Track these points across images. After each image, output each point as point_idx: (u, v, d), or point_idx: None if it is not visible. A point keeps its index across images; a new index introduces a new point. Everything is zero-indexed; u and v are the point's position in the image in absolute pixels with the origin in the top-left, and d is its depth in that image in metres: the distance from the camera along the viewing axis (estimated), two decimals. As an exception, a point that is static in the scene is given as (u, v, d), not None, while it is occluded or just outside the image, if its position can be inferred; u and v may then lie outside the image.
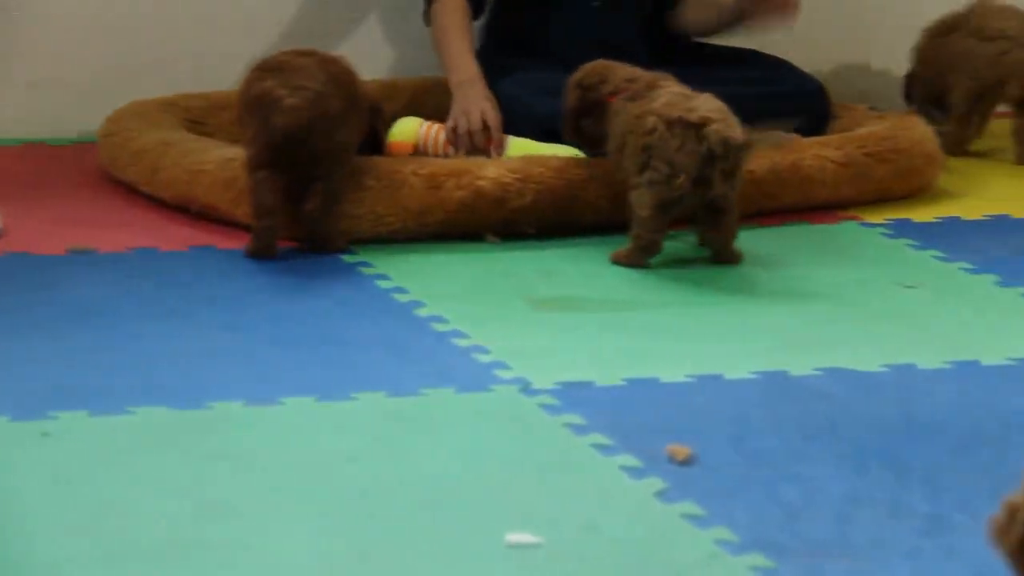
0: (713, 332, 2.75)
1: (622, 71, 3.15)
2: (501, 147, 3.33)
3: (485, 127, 3.34)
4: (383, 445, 2.30)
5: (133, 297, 2.85)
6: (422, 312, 2.83)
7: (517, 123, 3.38)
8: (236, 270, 2.99)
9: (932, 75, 3.79)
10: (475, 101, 3.36)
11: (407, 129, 3.39)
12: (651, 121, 2.99)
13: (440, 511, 2.12)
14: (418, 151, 3.39)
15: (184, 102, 3.60)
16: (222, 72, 3.69)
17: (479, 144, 3.34)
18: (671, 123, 2.97)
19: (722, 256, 3.05)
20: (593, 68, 3.18)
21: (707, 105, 3.00)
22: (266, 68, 3.08)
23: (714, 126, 2.94)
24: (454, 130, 3.35)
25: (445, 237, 3.16)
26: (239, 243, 3.08)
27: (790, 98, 3.52)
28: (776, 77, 3.57)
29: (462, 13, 3.51)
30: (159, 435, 2.32)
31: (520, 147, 3.35)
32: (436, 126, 3.39)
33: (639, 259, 3.03)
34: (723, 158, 2.95)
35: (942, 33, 3.79)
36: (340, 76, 3.11)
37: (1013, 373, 2.56)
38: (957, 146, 3.67)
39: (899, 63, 4.00)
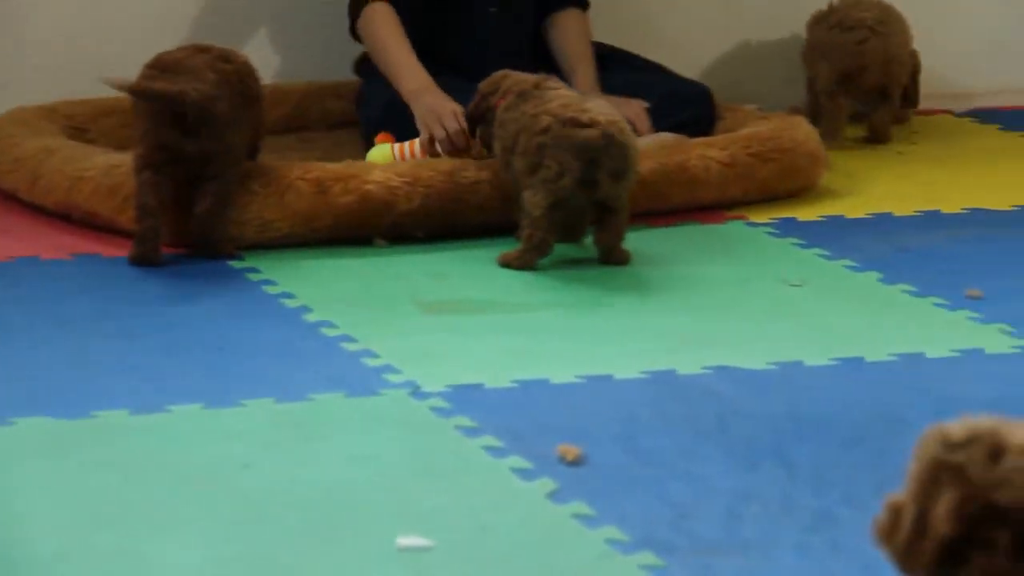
0: (602, 333, 2.76)
1: (514, 77, 3.16)
2: (478, 146, 3.29)
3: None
4: (272, 451, 2.29)
5: (14, 306, 2.81)
6: (310, 317, 2.81)
7: (412, 129, 3.38)
8: (121, 277, 2.96)
9: (808, 68, 3.87)
10: (442, 104, 3.33)
11: (381, 155, 3.35)
12: (545, 120, 3.01)
13: (331, 516, 2.11)
14: None
15: (66, 109, 3.56)
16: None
17: (461, 145, 3.31)
18: (564, 123, 2.98)
19: (611, 257, 3.07)
20: (493, 76, 3.20)
21: (599, 108, 3.02)
22: (157, 67, 3.06)
23: (600, 128, 2.96)
24: (431, 140, 3.31)
25: (333, 242, 3.15)
26: (124, 251, 3.05)
27: (677, 101, 3.55)
28: (662, 81, 3.60)
29: (396, 20, 3.46)
30: (43, 445, 2.29)
31: None
32: (407, 144, 3.35)
33: (530, 259, 3.03)
34: (610, 159, 2.96)
35: (811, 27, 3.87)
36: (232, 75, 3.08)
37: (896, 369, 2.59)
38: (829, 136, 3.72)
39: (783, 64, 4.05)
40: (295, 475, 2.22)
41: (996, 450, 1.40)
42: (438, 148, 3.33)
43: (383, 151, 3.36)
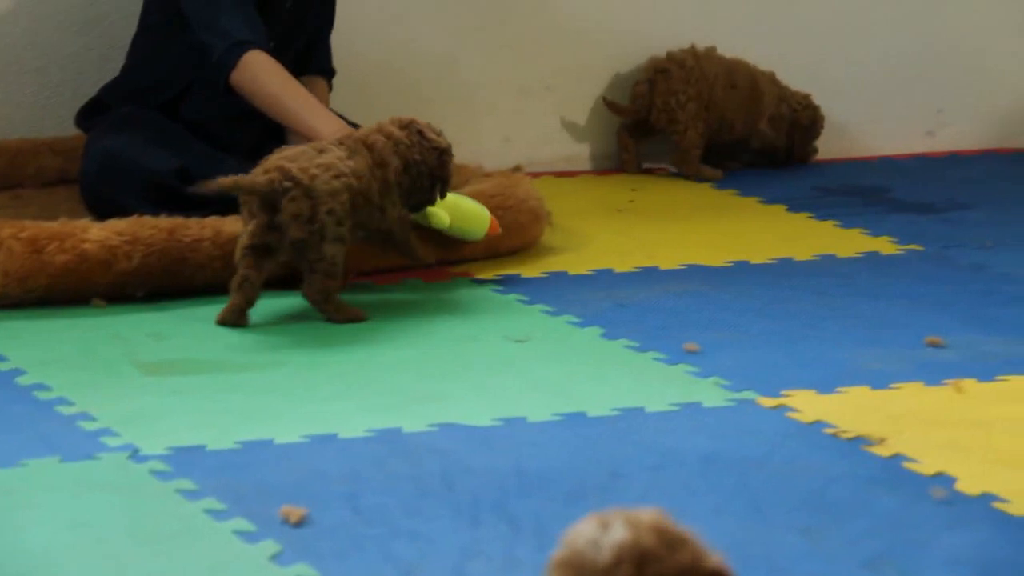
0: (327, 391, 2.74)
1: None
2: None
3: None
4: (-17, 520, 2.21)
5: None
6: (23, 380, 2.73)
7: (121, 179, 3.30)
8: None
9: None
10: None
11: (483, 218, 3.29)
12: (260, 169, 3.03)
13: (45, 586, 2.04)
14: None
15: None
16: None
17: None
18: (266, 170, 3.01)
19: (318, 308, 3.04)
20: None
21: (312, 160, 3.01)
22: None
23: (271, 174, 2.97)
24: None
25: (49, 302, 3.07)
26: None
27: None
28: None
29: (282, 67, 3.30)
30: None
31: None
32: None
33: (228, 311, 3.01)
34: (291, 202, 2.96)
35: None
36: None
37: (617, 423, 2.63)
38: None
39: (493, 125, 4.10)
40: (8, 544, 2.14)
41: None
42: None
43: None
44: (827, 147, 4.39)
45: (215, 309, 3.09)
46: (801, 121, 4.28)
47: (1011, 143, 4.60)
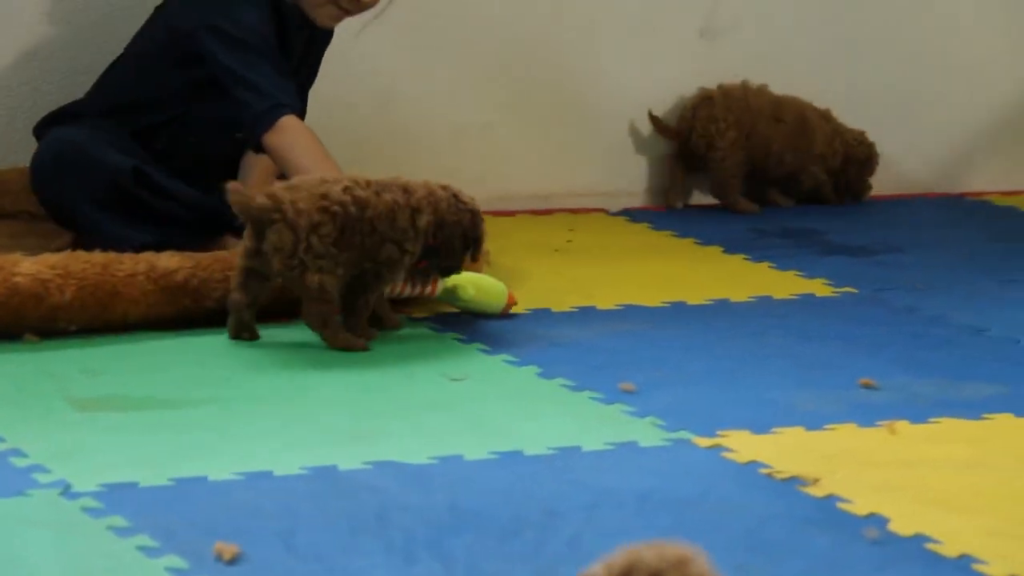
0: (262, 428, 2.73)
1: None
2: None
3: None
4: (-89, 556, 2.18)
5: None
6: (-45, 415, 2.71)
7: (75, 171, 3.30)
8: None
9: None
10: None
11: (501, 292, 3.30)
12: None
13: (-27, 623, 2.02)
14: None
15: None
16: None
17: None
18: (267, 195, 3.10)
19: (317, 333, 3.09)
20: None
21: (311, 189, 3.07)
22: None
23: (265, 201, 3.03)
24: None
25: (-20, 337, 3.05)
26: None
27: None
28: None
29: (315, 136, 3.35)
30: None
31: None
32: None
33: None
34: (274, 233, 3.02)
35: None
36: None
37: (553, 462, 2.63)
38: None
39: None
40: (-65, 581, 2.12)
41: None
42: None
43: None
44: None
45: (150, 345, 3.08)
46: (856, 156, 4.36)
47: (943, 188, 4.65)
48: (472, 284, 3.33)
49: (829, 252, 3.99)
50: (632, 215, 4.26)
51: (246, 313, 3.13)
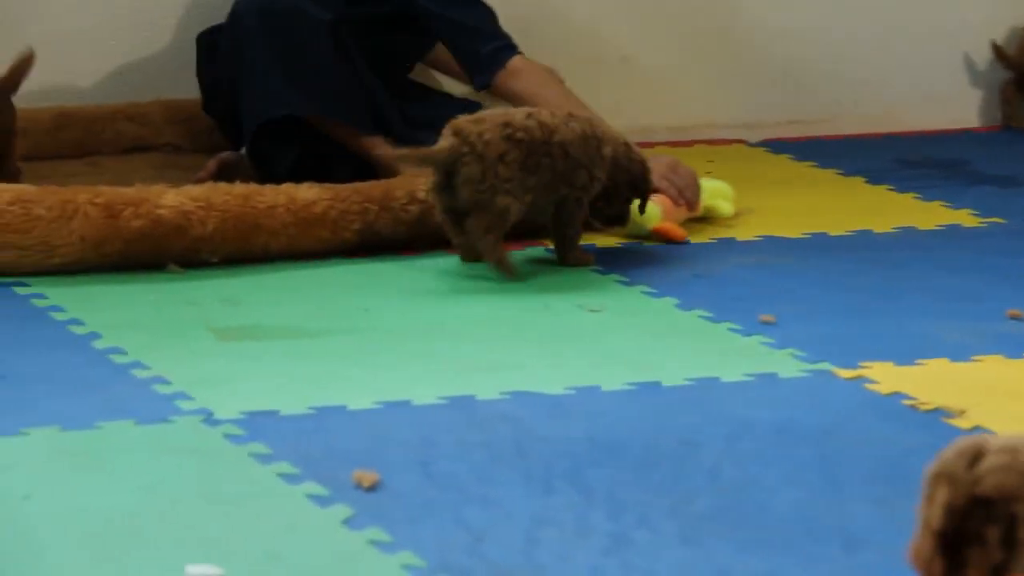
0: (400, 358, 2.75)
1: None
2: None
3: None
4: (56, 482, 2.24)
5: None
6: (99, 344, 2.76)
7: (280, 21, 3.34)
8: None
9: None
10: (661, 158, 3.41)
11: (656, 214, 3.36)
12: None
13: (117, 546, 2.06)
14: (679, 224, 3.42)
15: None
16: None
17: (692, 199, 3.41)
18: (452, 132, 3.13)
19: (481, 250, 3.16)
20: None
21: (495, 120, 3.13)
22: None
23: (451, 140, 3.09)
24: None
25: (124, 268, 3.10)
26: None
27: None
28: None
29: (544, 72, 3.46)
30: None
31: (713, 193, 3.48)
32: (659, 197, 3.37)
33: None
34: (465, 166, 3.08)
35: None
36: None
37: (691, 393, 2.63)
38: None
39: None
40: (79, 505, 2.17)
41: (976, 455, 1.66)
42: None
43: (656, 208, 3.35)
44: (908, 118, 4.36)
45: (289, 275, 3.12)
46: None
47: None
48: (723, 198, 3.52)
49: (976, 182, 3.92)
50: (772, 146, 4.22)
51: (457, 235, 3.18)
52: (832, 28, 4.32)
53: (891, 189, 3.86)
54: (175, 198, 3.13)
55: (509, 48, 3.47)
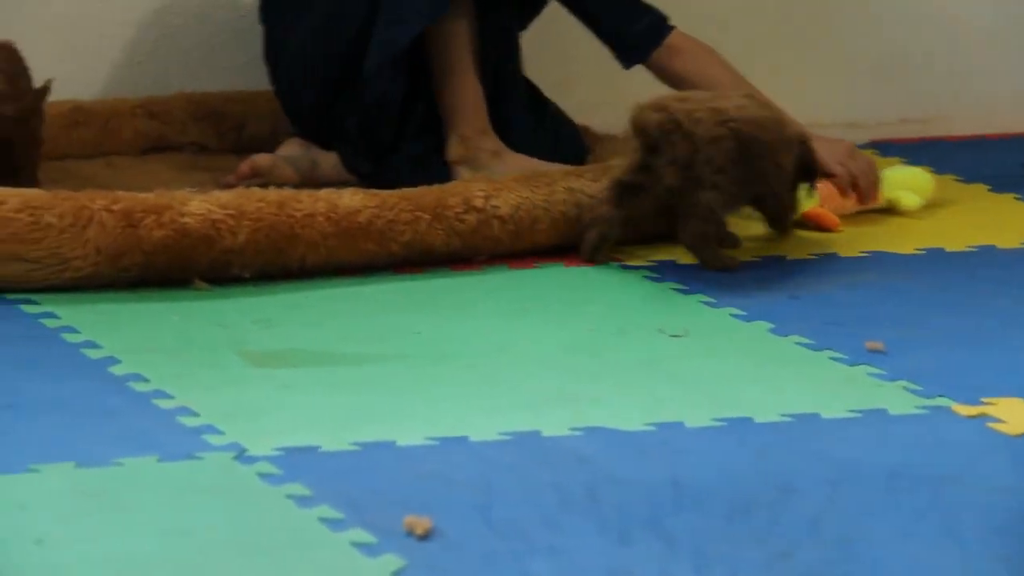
0: (455, 388, 2.78)
1: None
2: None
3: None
4: (71, 524, 2.27)
5: None
6: (118, 370, 2.80)
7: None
8: None
9: None
10: (838, 143, 3.52)
11: (812, 199, 3.48)
12: None
13: (141, 599, 2.10)
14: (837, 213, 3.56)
15: None
16: None
17: (867, 188, 3.51)
18: (657, 108, 3.29)
19: (693, 253, 3.31)
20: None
21: (704, 103, 3.28)
22: None
23: (660, 115, 3.24)
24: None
25: (145, 283, 3.14)
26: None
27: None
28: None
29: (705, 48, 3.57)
30: None
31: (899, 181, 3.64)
32: (821, 184, 3.47)
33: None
34: (671, 146, 3.22)
35: None
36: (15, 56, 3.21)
37: (788, 431, 2.64)
38: None
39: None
40: (97, 551, 2.20)
41: None
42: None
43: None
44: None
45: (329, 293, 3.15)
46: None
47: None
48: (911, 189, 3.64)
49: (1117, 192, 3.92)
50: (881, 148, 4.23)
51: (615, 229, 3.29)
52: (947, 10, 4.32)
53: (1019, 198, 3.86)
54: (201, 205, 3.17)
55: (664, 23, 3.53)
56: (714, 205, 3.24)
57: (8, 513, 2.30)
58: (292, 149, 3.62)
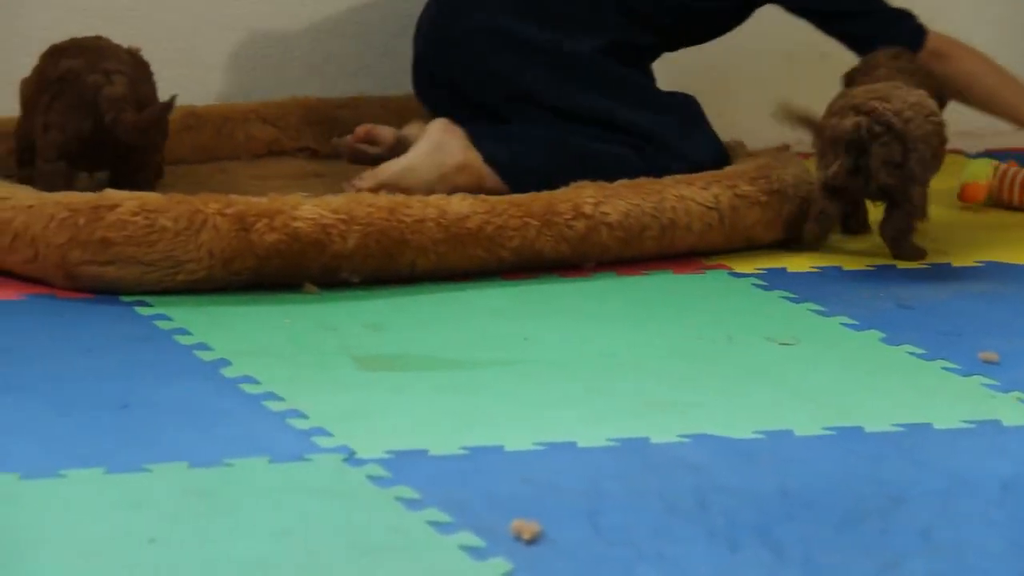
0: (564, 394, 2.77)
1: None
2: None
3: None
4: (183, 524, 2.29)
5: None
6: (229, 372, 2.82)
7: None
8: (8, 323, 2.96)
9: None
10: None
11: (981, 170, 3.49)
12: None
13: (250, 599, 2.11)
14: (991, 195, 3.63)
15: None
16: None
17: None
18: (853, 109, 3.37)
19: (891, 246, 3.40)
20: None
21: (905, 99, 3.35)
22: (63, 49, 3.29)
23: (859, 118, 3.31)
24: None
25: (256, 287, 3.16)
26: (13, 293, 3.04)
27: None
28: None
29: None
30: (-81, 513, 2.29)
31: None
32: (1013, 168, 3.55)
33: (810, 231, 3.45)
34: (883, 147, 3.29)
35: None
36: (141, 62, 3.30)
37: (899, 441, 2.62)
38: None
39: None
40: (208, 551, 2.22)
41: None
42: None
43: (984, 165, 3.60)
44: None
45: (438, 298, 3.16)
46: None
47: None
48: None
49: None
50: (998, 157, 4.18)
51: (833, 222, 3.41)
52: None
53: None
54: (313, 210, 3.18)
55: (919, 26, 3.53)
56: (923, 200, 3.30)
57: (122, 512, 2.32)
58: (413, 130, 3.62)
